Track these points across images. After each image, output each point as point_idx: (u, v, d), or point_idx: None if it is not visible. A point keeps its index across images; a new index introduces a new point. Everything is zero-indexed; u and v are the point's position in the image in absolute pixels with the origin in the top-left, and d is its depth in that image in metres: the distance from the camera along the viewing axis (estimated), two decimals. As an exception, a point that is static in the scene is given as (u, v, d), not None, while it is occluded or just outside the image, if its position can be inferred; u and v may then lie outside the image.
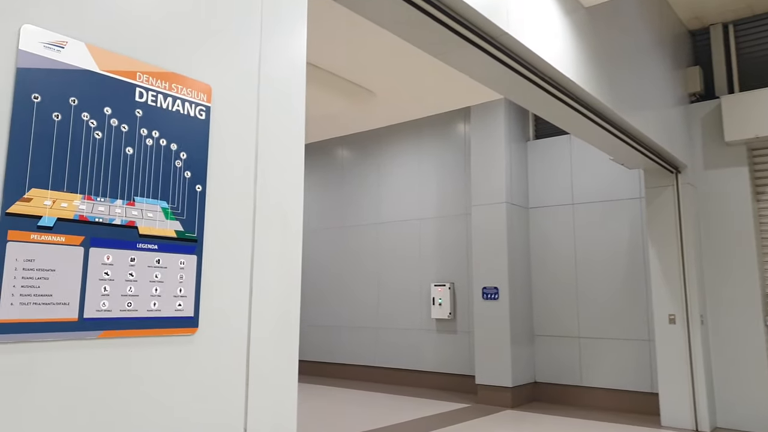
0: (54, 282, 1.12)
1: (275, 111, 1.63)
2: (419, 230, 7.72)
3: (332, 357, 8.44)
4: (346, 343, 8.30)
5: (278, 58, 1.66)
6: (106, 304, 1.19)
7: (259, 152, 1.57)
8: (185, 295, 1.34)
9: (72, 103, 1.17)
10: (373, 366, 8.00)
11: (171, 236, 1.33)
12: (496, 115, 6.76)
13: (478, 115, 6.88)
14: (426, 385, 7.49)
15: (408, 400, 6.67)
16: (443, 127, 7.67)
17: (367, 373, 8.05)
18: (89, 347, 1.16)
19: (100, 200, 1.20)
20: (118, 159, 1.24)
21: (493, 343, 6.48)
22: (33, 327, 1.08)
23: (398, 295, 7.81)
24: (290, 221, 1.63)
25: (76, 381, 1.14)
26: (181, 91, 1.37)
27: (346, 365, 8.28)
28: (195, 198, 1.39)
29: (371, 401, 6.58)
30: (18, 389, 1.06)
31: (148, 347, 1.26)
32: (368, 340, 8.06)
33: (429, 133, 7.78)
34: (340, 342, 8.37)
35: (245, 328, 1.47)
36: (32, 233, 1.09)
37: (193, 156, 1.39)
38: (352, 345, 8.23)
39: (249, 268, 1.51)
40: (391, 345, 7.82)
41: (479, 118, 6.87)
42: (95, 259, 1.18)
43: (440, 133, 7.68)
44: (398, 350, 7.76)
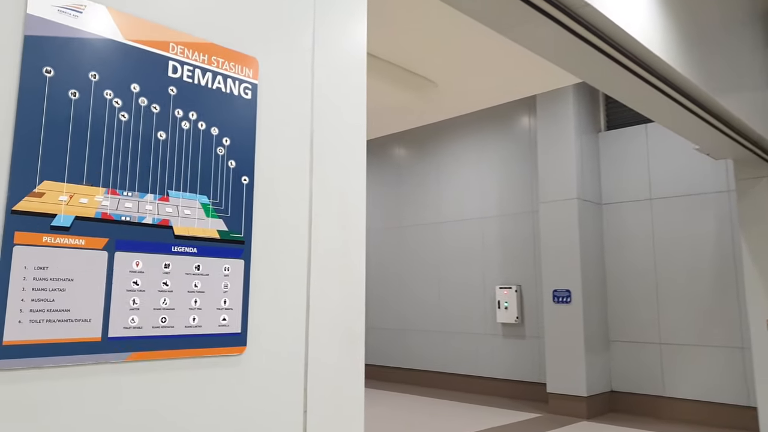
0: (72, 294, 0.92)
1: (332, 92, 1.40)
2: (482, 230, 7.38)
3: (394, 361, 8.21)
4: (407, 346, 8.05)
5: (335, 34, 1.43)
6: (136, 320, 0.99)
7: (314, 140, 1.34)
8: (231, 308, 1.13)
9: (92, 79, 0.97)
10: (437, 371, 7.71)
11: (213, 237, 1.11)
12: (564, 105, 6.35)
13: (545, 105, 6.48)
14: (492, 393, 7.15)
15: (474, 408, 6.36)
16: (506, 120, 7.30)
17: (430, 379, 7.77)
18: (115, 373, 0.96)
19: (127, 195, 1.00)
20: (148, 145, 1.04)
21: (565, 349, 6.08)
22: (46, 350, 0.89)
23: (461, 298, 7.50)
24: (352, 220, 1.40)
25: (99, 414, 0.94)
26: (222, 65, 1.16)
27: (409, 369, 8.03)
28: (241, 192, 1.17)
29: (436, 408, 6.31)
30: (28, 426, 0.86)
31: (186, 371, 1.05)
32: (430, 343, 7.79)
33: (490, 127, 7.43)
34: (401, 346, 8.14)
35: (302, 347, 1.25)
36: (45, 235, 0.90)
37: (238, 142, 1.17)
38: (413, 349, 7.97)
39: (305, 274, 1.28)
40: (455, 349, 7.52)
41: (546, 109, 6.47)
42: (122, 265, 0.98)
43: (503, 127, 7.32)
44: (462, 355, 7.44)
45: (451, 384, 7.55)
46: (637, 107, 3.73)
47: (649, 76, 3.17)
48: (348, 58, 1.45)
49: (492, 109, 7.45)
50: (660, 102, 3.57)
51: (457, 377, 7.51)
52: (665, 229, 6.11)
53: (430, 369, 7.80)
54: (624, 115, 6.59)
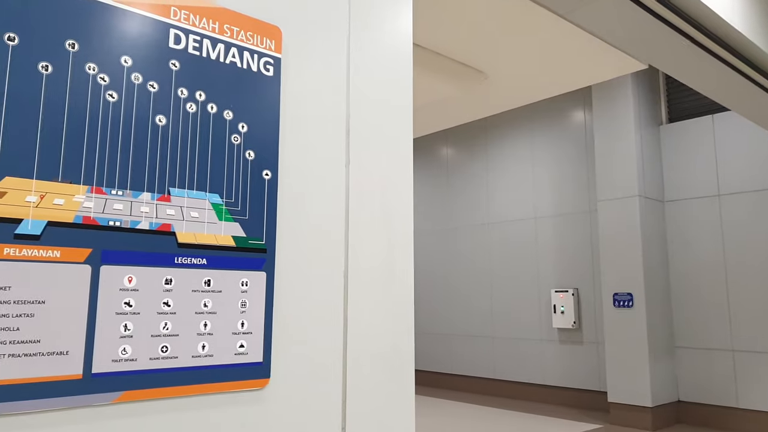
0: (43, 320, 0.72)
1: (372, 68, 1.17)
2: (535, 230, 7.02)
3: (440, 366, 7.94)
4: (455, 352, 7.77)
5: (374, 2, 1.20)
6: (128, 351, 0.79)
7: (351, 126, 1.12)
8: (250, 331, 0.92)
9: (70, 49, 0.78)
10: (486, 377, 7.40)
11: (227, 245, 0.90)
12: (623, 97, 5.95)
13: (601, 97, 6.10)
14: (548, 401, 6.78)
15: (530, 418, 6.02)
16: (559, 115, 6.93)
17: (482, 386, 7.46)
18: (101, 418, 0.76)
19: (117, 194, 0.80)
20: (144, 132, 0.83)
21: (627, 356, 5.68)
22: (11, 392, 0.69)
23: (514, 302, 7.16)
24: (398, 222, 1.17)
25: (79, 472, 0.74)
26: (237, 35, 0.95)
27: (460, 376, 7.74)
28: (262, 189, 0.96)
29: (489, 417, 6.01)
30: (-16, 492, 0.67)
31: (193, 412, 0.85)
32: (480, 349, 7.48)
33: (542, 122, 7.08)
34: (448, 351, 7.86)
35: (339, 375, 1.02)
36: (6, 246, 0.71)
37: (258, 128, 0.96)
38: (465, 354, 7.68)
39: (342, 287, 1.06)
40: (508, 355, 7.18)
41: (602, 102, 6.09)
42: (110, 282, 0.78)
43: (555, 121, 6.96)
44: (516, 361, 7.10)
45: (502, 391, 7.23)
46: (713, 94, 3.36)
47: (729, 56, 2.82)
48: (390, 30, 1.22)
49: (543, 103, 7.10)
50: (740, 87, 3.20)
51: (507, 384, 7.18)
52: (735, 227, 5.63)
53: (479, 375, 7.49)
54: (688, 105, 6.13)
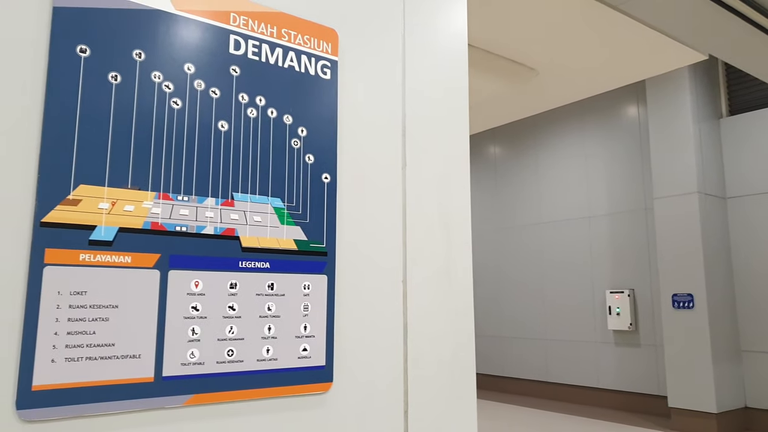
0: (117, 324, 0.74)
1: (428, 70, 1.16)
2: (588, 230, 6.84)
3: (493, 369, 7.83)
4: (508, 354, 7.65)
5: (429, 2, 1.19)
6: (196, 355, 0.80)
7: (407, 128, 1.11)
8: (312, 335, 0.91)
9: (137, 59, 0.79)
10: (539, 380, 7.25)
11: (289, 249, 0.91)
12: (679, 90, 5.73)
13: (656, 91, 5.89)
14: (604, 405, 6.59)
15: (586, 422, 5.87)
16: (611, 110, 6.74)
17: (536, 389, 7.32)
18: (172, 420, 0.77)
19: (183, 200, 0.81)
20: (207, 138, 0.84)
21: (689, 360, 5.45)
22: (87, 395, 0.71)
23: (567, 304, 7.00)
24: (455, 224, 1.15)
25: (153, 474, 0.75)
26: (295, 39, 0.96)
27: (512, 378, 7.62)
28: (322, 192, 0.96)
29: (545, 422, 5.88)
30: (65, 491, 0.69)
31: (258, 416, 0.85)
32: (533, 351, 7.34)
33: (593, 118, 6.90)
34: (501, 353, 7.74)
35: (399, 379, 1.01)
36: (82, 252, 0.73)
37: (317, 132, 0.96)
38: (518, 357, 7.55)
39: (401, 290, 1.05)
40: (562, 358, 7.02)
41: (657, 95, 5.88)
42: (178, 286, 0.79)
43: (607, 117, 6.77)
44: (570, 364, 6.93)
45: (555, 394, 7.07)
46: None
47: (797, 42, 2.67)
48: (445, 30, 1.21)
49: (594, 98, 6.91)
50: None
51: (561, 387, 7.02)
52: (805, 223, 5.34)
53: (531, 378, 7.35)
54: (750, 97, 5.85)
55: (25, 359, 0.67)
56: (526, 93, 4.28)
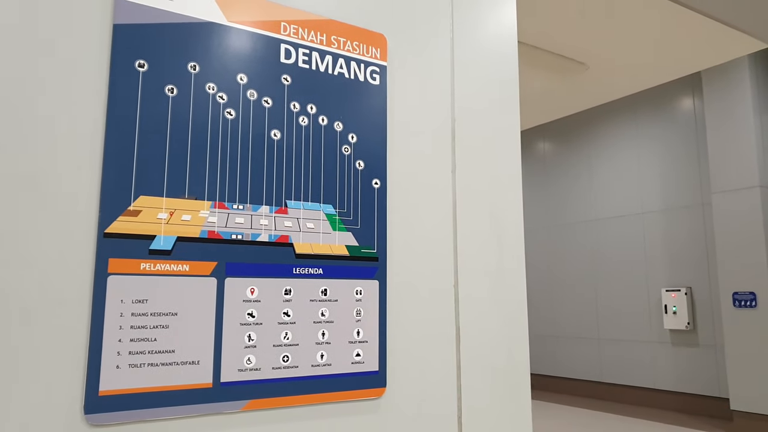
0: (176, 331, 0.76)
1: (477, 71, 1.14)
2: (642, 226, 6.63)
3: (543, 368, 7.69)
4: (559, 354, 7.50)
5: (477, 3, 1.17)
6: (253, 361, 0.81)
7: (457, 132, 1.09)
8: (365, 340, 0.92)
9: (192, 71, 0.81)
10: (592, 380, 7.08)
11: (341, 254, 0.91)
12: (738, 80, 5.48)
13: (713, 82, 5.65)
14: (660, 406, 6.38)
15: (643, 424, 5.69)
16: (665, 103, 6.51)
17: (589, 389, 7.15)
18: (230, 425, 0.79)
19: (238, 208, 0.83)
20: (260, 147, 0.86)
21: (752, 361, 5.22)
22: (149, 400, 0.73)
23: (621, 303, 6.80)
24: (507, 229, 1.13)
25: (213, 477, 0.77)
26: (344, 45, 0.96)
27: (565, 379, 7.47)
28: (372, 198, 0.96)
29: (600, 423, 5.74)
30: (130, 493, 0.71)
31: (314, 421, 0.86)
32: (585, 351, 7.17)
33: (647, 111, 6.67)
34: (552, 352, 7.60)
35: (453, 386, 1.00)
36: (143, 261, 0.75)
37: (367, 138, 0.96)
38: (566, 356, 7.40)
39: (452, 296, 1.04)
40: (616, 358, 6.84)
41: (714, 86, 5.64)
42: (234, 293, 0.81)
43: (661, 110, 6.54)
44: (624, 364, 6.74)
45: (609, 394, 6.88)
46: None
47: None
48: (495, 30, 1.19)
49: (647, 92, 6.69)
50: None
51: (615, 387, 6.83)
52: None
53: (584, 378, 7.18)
54: (816, 84, 5.53)
55: (92, 365, 0.70)
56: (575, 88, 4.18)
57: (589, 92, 4.35)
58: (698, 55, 4.11)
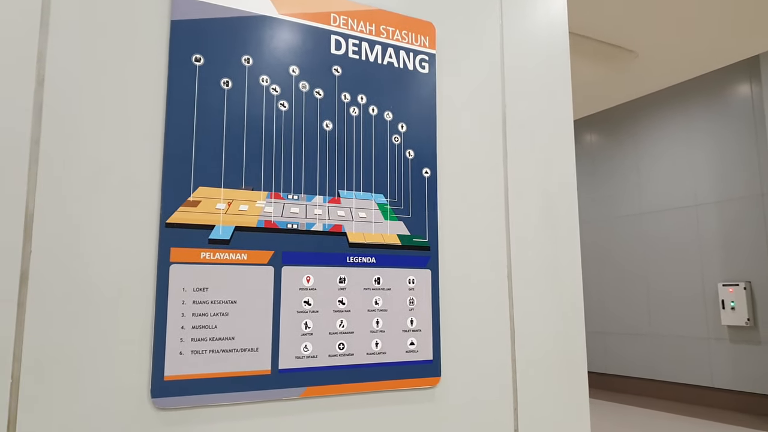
0: (236, 319, 0.78)
1: (528, 59, 1.12)
2: (696, 219, 6.40)
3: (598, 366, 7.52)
4: (609, 351, 7.32)
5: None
6: (310, 348, 0.82)
7: (508, 119, 1.08)
8: (419, 329, 0.92)
9: (246, 64, 0.83)
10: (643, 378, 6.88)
11: (393, 244, 0.91)
12: (799, 63, 5.21)
13: (771, 67, 5.40)
14: (718, 405, 6.15)
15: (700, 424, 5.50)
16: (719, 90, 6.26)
17: (635, 386, 6.96)
18: (289, 412, 0.80)
19: (293, 198, 0.84)
20: (313, 138, 0.87)
21: (818, 359, 4.96)
22: (211, 385, 0.75)
23: (674, 298, 6.59)
24: (562, 219, 1.11)
25: (273, 462, 0.78)
26: (393, 35, 0.96)
27: (610, 375, 7.29)
28: (422, 187, 0.96)
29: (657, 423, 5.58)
30: (195, 476, 0.73)
31: (370, 408, 0.86)
32: (637, 348, 6.97)
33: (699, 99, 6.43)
34: (601, 349, 7.42)
35: (508, 377, 0.99)
36: (202, 250, 0.77)
37: (417, 127, 0.96)
38: (616, 353, 7.22)
39: (506, 286, 1.02)
40: (670, 355, 6.63)
41: (773, 71, 5.38)
42: (290, 282, 0.82)
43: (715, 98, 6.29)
44: (679, 361, 6.53)
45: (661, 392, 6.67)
46: None
47: None
48: (544, 15, 1.16)
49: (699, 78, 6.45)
50: None
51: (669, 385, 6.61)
52: None
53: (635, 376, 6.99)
54: None
55: (157, 351, 0.72)
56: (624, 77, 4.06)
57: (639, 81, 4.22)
58: (756, 39, 3.93)
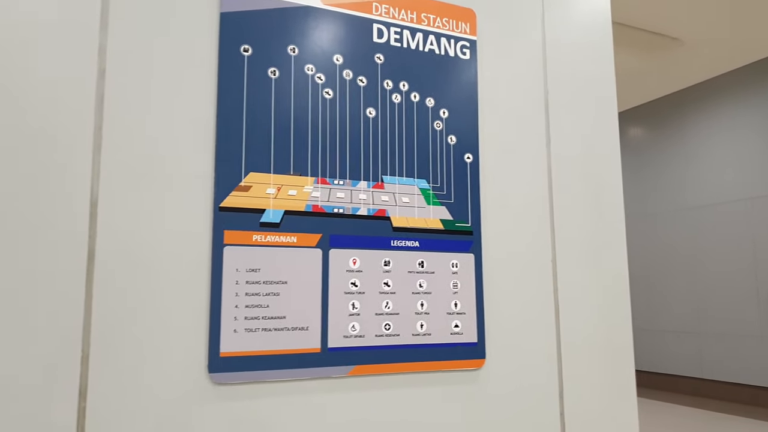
0: (287, 299, 0.81)
1: (569, 48, 1.12)
2: (748, 212, 6.18)
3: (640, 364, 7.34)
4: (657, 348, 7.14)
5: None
6: (357, 328, 0.85)
7: (550, 105, 1.08)
8: (463, 312, 0.93)
9: (291, 54, 0.86)
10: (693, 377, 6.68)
11: (436, 228, 0.93)
12: None
13: (826, 52, 5.16)
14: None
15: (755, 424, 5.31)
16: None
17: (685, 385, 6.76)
18: (337, 390, 0.83)
19: (339, 183, 0.87)
20: (357, 125, 0.89)
21: None
22: (264, 362, 0.78)
23: (724, 295, 6.38)
24: (605, 203, 1.10)
25: (323, 437, 0.81)
26: (434, 22, 0.98)
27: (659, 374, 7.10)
28: (464, 172, 0.97)
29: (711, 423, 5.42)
30: (250, 448, 0.76)
31: (416, 388, 0.88)
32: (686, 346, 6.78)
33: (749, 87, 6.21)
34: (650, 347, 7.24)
35: (553, 362, 0.99)
36: (254, 233, 0.80)
37: (458, 112, 0.97)
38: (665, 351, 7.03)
39: (550, 271, 1.03)
40: (720, 353, 6.42)
41: (828, 57, 5.15)
42: (337, 264, 0.85)
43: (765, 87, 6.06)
44: (731, 360, 6.31)
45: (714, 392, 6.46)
46: None
47: None
48: (586, 2, 1.16)
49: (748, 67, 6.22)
50: None
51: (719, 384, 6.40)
52: None
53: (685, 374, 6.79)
54: None
55: (213, 329, 0.76)
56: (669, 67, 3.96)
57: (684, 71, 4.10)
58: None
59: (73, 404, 0.68)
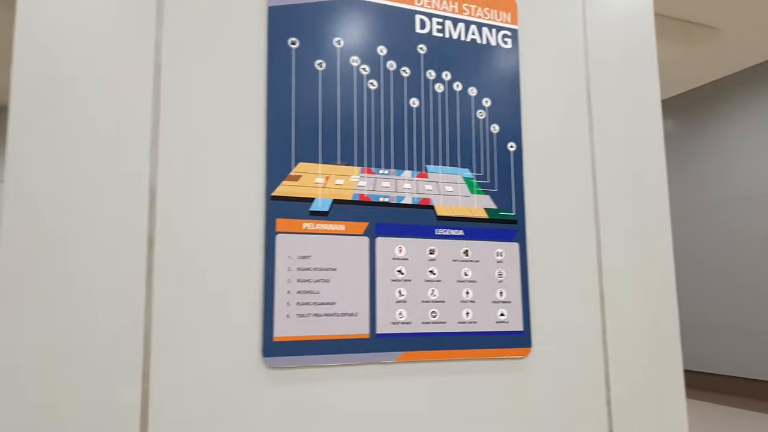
0: (336, 285, 0.82)
1: (611, 38, 1.11)
2: (789, 205, 5.99)
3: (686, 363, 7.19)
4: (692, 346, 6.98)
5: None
6: (404, 315, 0.86)
7: (593, 93, 1.08)
8: (508, 300, 0.93)
9: (337, 46, 0.87)
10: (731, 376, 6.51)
11: (480, 217, 0.93)
12: None
13: None
14: (820, 406, 5.73)
15: (797, 425, 5.15)
16: (812, 68, 5.83)
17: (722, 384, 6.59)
18: (385, 375, 0.84)
19: (384, 173, 0.88)
20: (400, 115, 0.90)
21: None
22: (315, 347, 0.80)
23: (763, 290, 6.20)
24: (650, 194, 1.09)
25: (370, 423, 0.82)
26: (475, 12, 0.98)
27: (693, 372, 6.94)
28: (508, 161, 0.97)
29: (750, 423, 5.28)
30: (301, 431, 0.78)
31: (463, 375, 0.89)
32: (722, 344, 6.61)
33: (790, 79, 6.01)
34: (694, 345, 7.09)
35: (599, 352, 0.99)
36: (304, 221, 0.82)
37: (500, 101, 0.98)
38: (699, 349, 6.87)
39: (595, 261, 1.02)
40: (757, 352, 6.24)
41: None
42: (384, 251, 0.86)
43: (808, 77, 5.86)
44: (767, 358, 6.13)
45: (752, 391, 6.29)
46: None
47: None
48: (625, -15, 1.15)
49: (789, 56, 6.03)
50: None
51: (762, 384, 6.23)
52: None
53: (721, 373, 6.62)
54: None
55: (267, 314, 0.78)
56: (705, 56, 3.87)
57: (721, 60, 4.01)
58: None
59: (137, 385, 0.70)
